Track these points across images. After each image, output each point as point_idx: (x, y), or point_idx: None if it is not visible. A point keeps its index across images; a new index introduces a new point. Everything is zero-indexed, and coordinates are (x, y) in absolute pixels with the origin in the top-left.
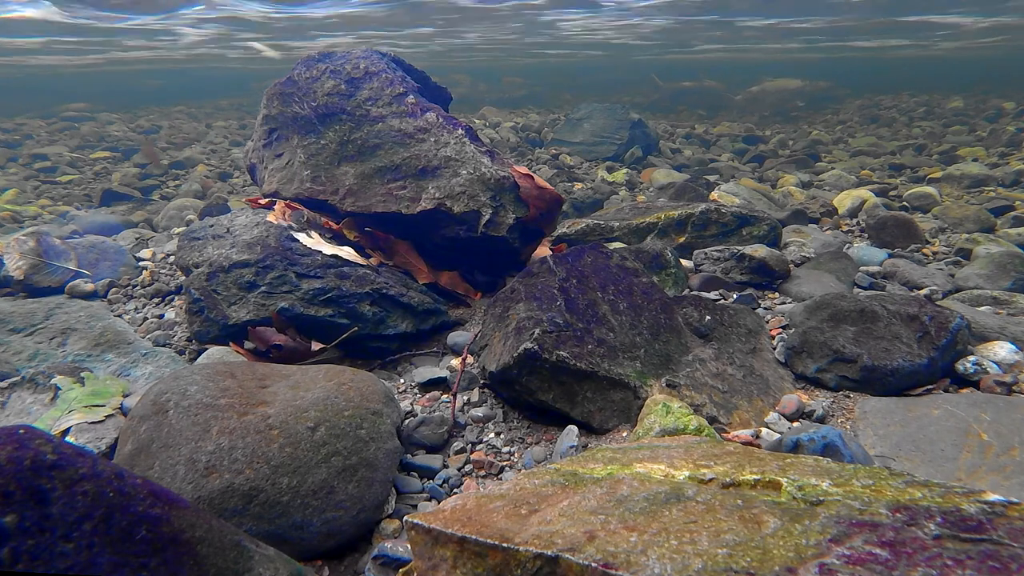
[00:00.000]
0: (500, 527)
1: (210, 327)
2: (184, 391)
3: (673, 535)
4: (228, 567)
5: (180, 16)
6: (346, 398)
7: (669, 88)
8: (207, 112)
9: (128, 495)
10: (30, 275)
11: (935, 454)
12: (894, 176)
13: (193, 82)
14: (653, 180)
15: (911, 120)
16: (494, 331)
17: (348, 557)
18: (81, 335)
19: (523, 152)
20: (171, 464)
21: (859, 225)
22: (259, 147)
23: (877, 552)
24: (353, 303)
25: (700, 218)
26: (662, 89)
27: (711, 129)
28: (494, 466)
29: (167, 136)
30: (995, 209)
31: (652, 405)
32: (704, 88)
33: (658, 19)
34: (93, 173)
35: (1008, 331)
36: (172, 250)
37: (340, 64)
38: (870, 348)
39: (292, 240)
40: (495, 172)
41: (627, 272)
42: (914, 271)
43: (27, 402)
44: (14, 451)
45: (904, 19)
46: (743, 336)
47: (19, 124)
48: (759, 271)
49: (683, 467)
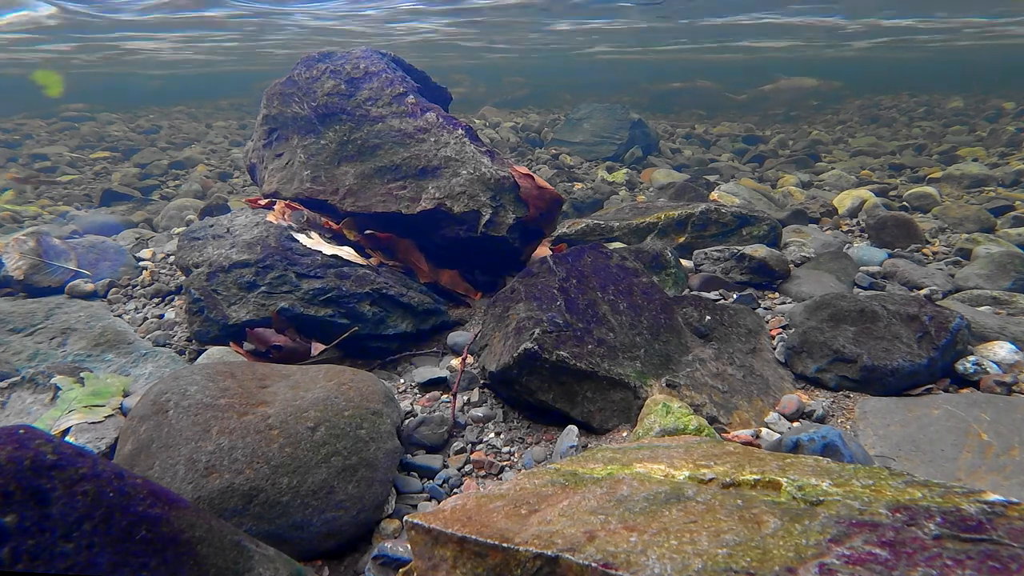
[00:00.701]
0: (500, 527)
1: (210, 327)
2: (184, 391)
3: (673, 535)
4: (228, 567)
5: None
6: (346, 398)
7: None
8: (207, 112)
9: (128, 495)
10: (30, 275)
11: (935, 454)
12: (894, 176)
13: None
14: (653, 180)
15: (911, 120)
16: (494, 331)
17: (348, 557)
18: (81, 335)
19: (523, 152)
20: (171, 464)
21: (859, 225)
22: (259, 147)
23: (877, 552)
24: (353, 303)
25: (700, 218)
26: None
27: (711, 129)
28: (494, 466)
29: (167, 136)
30: (995, 209)
31: (652, 405)
32: (697, 88)
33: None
34: (93, 173)
35: (1008, 331)
36: (172, 250)
37: (340, 64)
38: (870, 348)
39: (292, 240)
40: (495, 172)
41: (627, 272)
42: (914, 271)
43: (27, 402)
44: (14, 451)
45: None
46: (743, 336)
47: (19, 124)
48: (759, 271)
49: (683, 467)
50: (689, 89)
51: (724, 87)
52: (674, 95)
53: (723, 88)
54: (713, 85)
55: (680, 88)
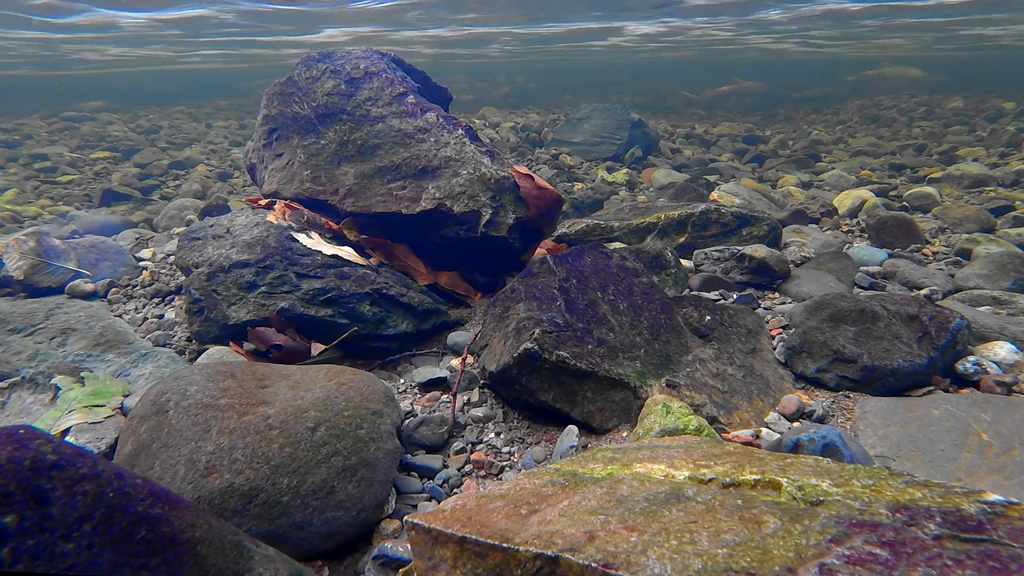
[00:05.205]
0: (500, 527)
1: (210, 327)
2: (184, 391)
3: (673, 535)
4: (228, 567)
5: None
6: (346, 398)
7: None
8: (207, 112)
9: (128, 495)
10: (30, 275)
11: (935, 454)
12: (894, 176)
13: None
14: (653, 180)
15: (911, 120)
16: (494, 331)
17: (348, 557)
18: (81, 335)
19: (523, 152)
20: (171, 464)
21: (859, 225)
22: (259, 147)
23: (877, 552)
24: (353, 303)
25: (700, 218)
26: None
27: (711, 129)
28: (494, 466)
29: (167, 136)
30: (995, 209)
31: (652, 405)
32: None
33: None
34: (93, 173)
35: (1008, 331)
36: (172, 250)
37: (340, 64)
38: (870, 348)
39: (292, 240)
40: (495, 172)
41: (627, 272)
42: (914, 271)
43: (27, 402)
44: (14, 451)
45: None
46: (743, 336)
47: (19, 124)
48: (759, 271)
49: (683, 467)
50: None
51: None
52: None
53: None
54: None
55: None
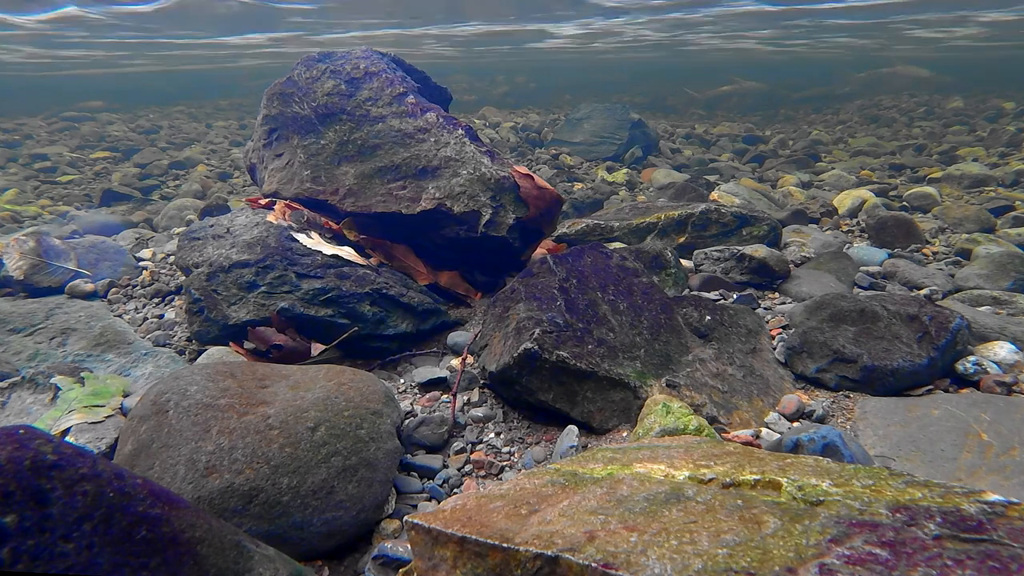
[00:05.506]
0: (500, 527)
1: (210, 327)
2: (184, 391)
3: (673, 535)
4: (228, 567)
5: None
6: (346, 398)
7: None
8: (207, 112)
9: (128, 495)
10: (30, 275)
11: (935, 454)
12: (894, 176)
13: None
14: (653, 180)
15: (911, 120)
16: (494, 331)
17: (348, 557)
18: (81, 335)
19: (523, 152)
20: (171, 464)
21: (859, 225)
22: (259, 147)
23: (877, 552)
24: (353, 303)
25: (700, 218)
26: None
27: (711, 129)
28: (494, 466)
29: (167, 136)
30: (995, 209)
31: (652, 405)
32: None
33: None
34: (93, 173)
35: (1008, 331)
36: (172, 250)
37: (340, 64)
38: (870, 348)
39: (292, 240)
40: (495, 172)
41: (627, 272)
42: (914, 271)
43: (27, 402)
44: (14, 451)
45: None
46: (743, 336)
47: (19, 124)
48: (759, 271)
49: (683, 467)
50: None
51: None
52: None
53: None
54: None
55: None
